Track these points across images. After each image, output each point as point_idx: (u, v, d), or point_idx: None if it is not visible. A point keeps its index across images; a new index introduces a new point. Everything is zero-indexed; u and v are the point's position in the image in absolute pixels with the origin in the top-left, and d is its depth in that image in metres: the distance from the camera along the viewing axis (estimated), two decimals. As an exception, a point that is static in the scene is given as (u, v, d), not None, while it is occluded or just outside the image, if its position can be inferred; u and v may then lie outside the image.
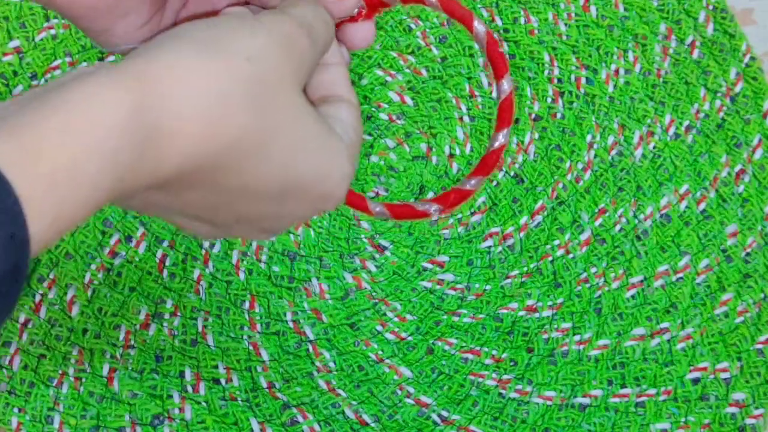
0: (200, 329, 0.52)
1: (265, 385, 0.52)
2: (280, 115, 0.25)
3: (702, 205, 0.57)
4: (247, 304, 0.53)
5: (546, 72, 0.59)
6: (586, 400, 0.53)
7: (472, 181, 0.32)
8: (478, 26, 0.30)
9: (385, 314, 0.54)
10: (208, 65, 0.23)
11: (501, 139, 0.32)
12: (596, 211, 0.56)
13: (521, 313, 0.54)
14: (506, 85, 0.31)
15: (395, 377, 0.53)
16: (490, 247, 0.56)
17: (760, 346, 0.55)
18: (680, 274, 0.56)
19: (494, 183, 0.57)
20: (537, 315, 0.54)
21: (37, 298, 0.52)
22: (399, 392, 0.53)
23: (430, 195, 0.56)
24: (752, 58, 0.60)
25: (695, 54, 0.60)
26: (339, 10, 0.29)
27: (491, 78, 0.58)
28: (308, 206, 0.27)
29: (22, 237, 0.19)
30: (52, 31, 0.56)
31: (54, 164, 0.20)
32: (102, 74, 0.21)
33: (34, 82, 0.55)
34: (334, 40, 0.29)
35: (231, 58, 0.23)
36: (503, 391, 0.53)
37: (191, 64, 0.23)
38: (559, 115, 0.58)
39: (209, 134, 0.23)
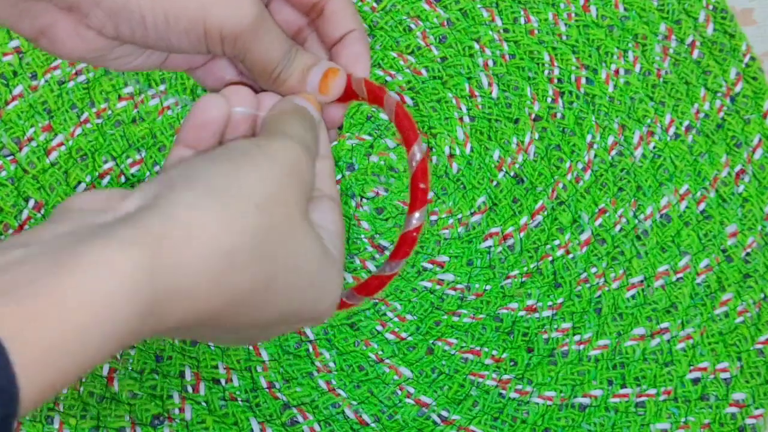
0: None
1: (265, 385, 0.52)
2: (288, 258, 0.25)
3: (702, 205, 0.57)
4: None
5: (546, 72, 0.59)
6: (586, 400, 0.53)
7: (393, 264, 0.31)
8: (416, 148, 0.30)
9: (385, 314, 0.54)
10: (221, 220, 0.23)
11: (415, 221, 0.31)
12: (596, 211, 0.56)
13: (521, 313, 0.54)
14: (418, 154, 0.30)
15: (395, 377, 0.53)
16: (490, 247, 0.56)
17: (760, 346, 0.55)
18: (680, 274, 0.56)
19: (494, 183, 0.57)
20: (537, 315, 0.54)
21: (37, 298, 0.52)
22: (399, 392, 0.53)
23: (431, 195, 0.56)
24: (752, 58, 0.60)
25: (695, 54, 0.60)
26: (323, 100, 0.31)
27: (491, 78, 0.58)
28: (296, 326, 0.28)
29: (12, 399, 0.19)
30: (52, 31, 0.56)
31: (56, 335, 0.20)
32: (116, 238, 0.21)
33: (34, 82, 0.55)
34: (324, 132, 0.30)
35: (242, 208, 0.24)
36: (503, 391, 0.53)
37: (205, 221, 0.23)
38: (559, 115, 0.58)
39: (215, 293, 0.23)
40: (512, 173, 0.57)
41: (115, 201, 0.24)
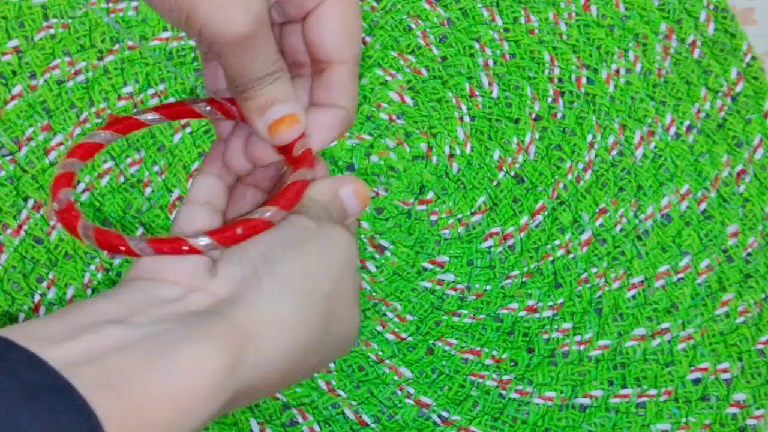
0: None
1: (264, 385, 0.52)
2: (340, 327, 0.28)
3: (703, 205, 0.57)
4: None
5: (546, 72, 0.59)
6: (587, 401, 0.53)
7: (268, 213, 0.27)
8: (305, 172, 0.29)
9: (385, 314, 0.54)
10: (298, 315, 0.26)
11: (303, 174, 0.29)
12: (597, 211, 0.56)
13: (522, 313, 0.54)
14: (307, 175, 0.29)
15: (395, 378, 0.53)
16: (490, 247, 0.55)
17: (760, 346, 0.55)
18: (681, 275, 0.56)
19: (495, 183, 0.56)
20: (537, 315, 0.54)
21: (36, 298, 0.52)
22: (399, 393, 0.52)
23: (431, 195, 0.56)
24: (753, 58, 0.60)
25: (696, 54, 0.60)
26: (265, 139, 0.30)
27: (491, 77, 0.58)
28: (326, 363, 0.30)
29: None
30: (51, 31, 0.56)
31: (147, 426, 0.22)
32: (208, 337, 0.23)
33: (33, 82, 0.55)
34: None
35: (315, 300, 0.26)
36: (504, 392, 0.53)
37: (285, 317, 0.25)
38: (559, 115, 0.58)
39: (287, 377, 0.26)
40: (513, 173, 0.57)
41: (202, 278, 0.26)
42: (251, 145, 0.30)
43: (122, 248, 0.27)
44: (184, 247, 0.27)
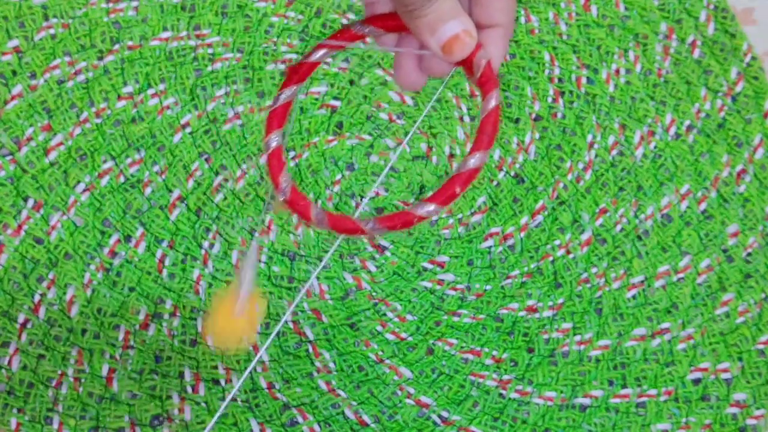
0: (200, 330, 0.52)
1: (264, 385, 0.52)
2: None
3: (703, 205, 0.57)
4: (246, 305, 0.53)
5: (546, 71, 0.59)
6: (587, 401, 0.53)
7: (473, 160, 0.28)
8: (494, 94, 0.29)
9: (385, 314, 0.54)
10: None
11: (474, 161, 0.29)
12: (597, 211, 0.56)
13: (522, 313, 0.54)
14: (493, 101, 0.29)
15: (395, 378, 0.53)
16: (490, 247, 0.55)
17: (761, 346, 0.55)
18: (681, 274, 0.56)
19: (495, 183, 0.56)
20: (537, 315, 0.54)
21: (36, 298, 0.52)
22: (399, 393, 0.52)
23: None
24: (753, 58, 0.60)
25: (696, 53, 0.60)
26: (441, 58, 0.30)
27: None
28: None
29: None
30: (51, 31, 0.56)
31: None
32: None
33: (33, 82, 0.55)
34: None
35: None
36: (504, 392, 0.53)
37: None
38: (559, 115, 0.58)
39: None
40: (513, 173, 0.57)
41: None
42: (426, 62, 0.30)
43: (357, 232, 0.27)
44: (414, 219, 0.27)
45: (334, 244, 0.36)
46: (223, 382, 0.51)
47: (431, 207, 0.27)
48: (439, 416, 0.52)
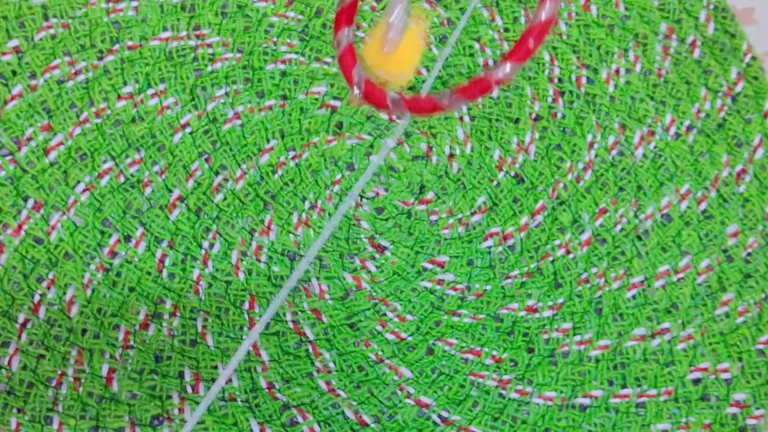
0: (200, 330, 0.52)
1: (264, 385, 0.52)
2: None
3: (703, 205, 0.57)
4: (246, 305, 0.53)
5: (546, 71, 0.59)
6: (587, 401, 0.53)
7: (507, 67, 0.27)
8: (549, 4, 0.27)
9: (385, 314, 0.54)
10: None
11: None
12: (597, 211, 0.56)
13: (522, 313, 0.54)
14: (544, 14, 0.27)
15: (395, 378, 0.53)
16: (490, 247, 0.55)
17: (761, 346, 0.55)
18: (681, 275, 0.56)
19: (495, 183, 0.56)
20: (537, 315, 0.54)
21: (36, 298, 0.52)
22: (399, 393, 0.52)
23: (431, 194, 0.56)
24: (753, 58, 0.60)
25: (696, 53, 0.60)
26: None
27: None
28: None
29: None
30: (51, 31, 0.56)
31: None
32: None
33: (33, 82, 0.55)
34: None
35: None
36: (503, 392, 0.53)
37: None
38: (559, 115, 0.58)
39: None
40: (513, 173, 0.57)
41: None
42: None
43: (437, 110, 0.26)
44: (492, 83, 0.26)
45: (334, 245, 0.35)
46: (223, 382, 0.52)
47: (507, 67, 0.25)
48: (439, 416, 0.52)
